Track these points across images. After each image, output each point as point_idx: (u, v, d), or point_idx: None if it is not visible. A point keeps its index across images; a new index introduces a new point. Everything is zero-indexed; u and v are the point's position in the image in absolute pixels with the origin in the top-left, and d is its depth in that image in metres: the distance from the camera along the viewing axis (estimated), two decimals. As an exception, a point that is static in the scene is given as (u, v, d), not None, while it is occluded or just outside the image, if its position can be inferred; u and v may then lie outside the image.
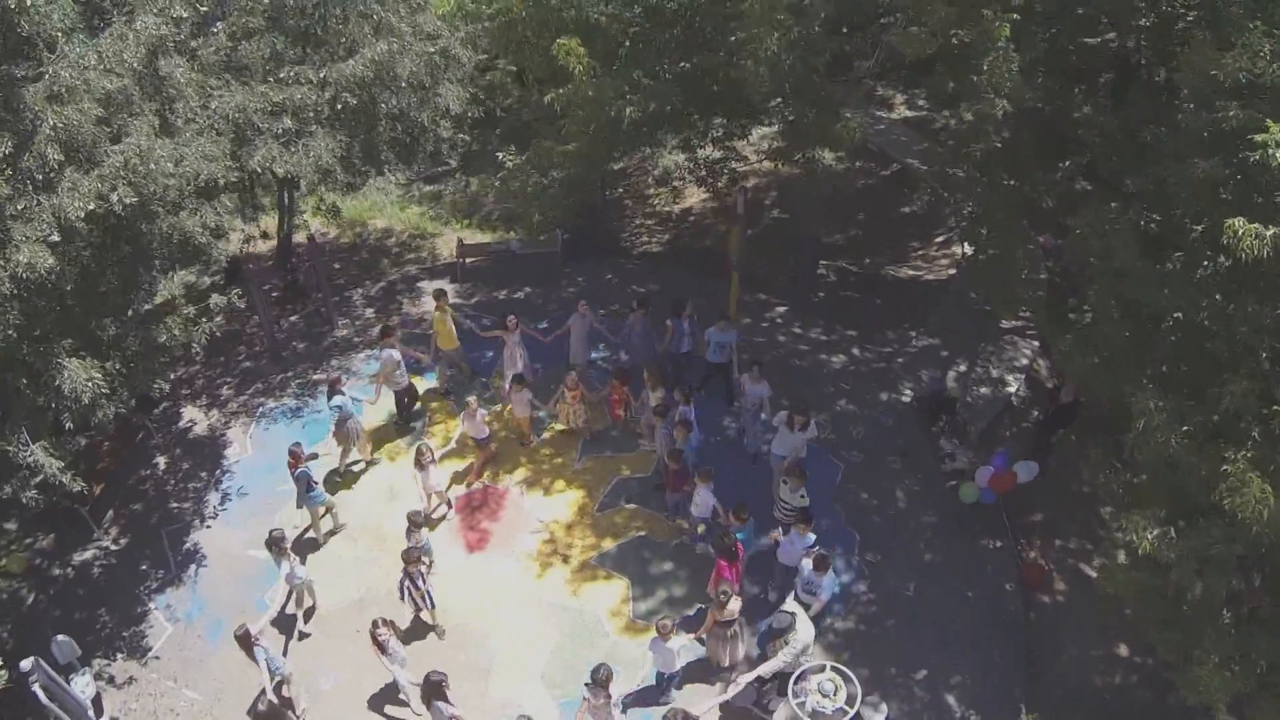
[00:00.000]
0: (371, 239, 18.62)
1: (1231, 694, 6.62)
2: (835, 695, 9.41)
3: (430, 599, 10.69)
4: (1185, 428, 7.63)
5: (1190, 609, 7.12)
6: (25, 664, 9.19)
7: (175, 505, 12.76)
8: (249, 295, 14.46)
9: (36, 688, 9.25)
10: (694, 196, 20.37)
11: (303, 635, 11.18)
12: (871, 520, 12.39)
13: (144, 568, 12.00)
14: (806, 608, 10.09)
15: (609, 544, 12.13)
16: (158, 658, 10.98)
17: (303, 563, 11.25)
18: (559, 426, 13.50)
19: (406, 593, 10.54)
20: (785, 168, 16.15)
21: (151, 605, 11.55)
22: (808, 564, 10.31)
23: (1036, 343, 15.03)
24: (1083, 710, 10.25)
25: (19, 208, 8.53)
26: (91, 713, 9.93)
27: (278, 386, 14.60)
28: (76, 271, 9.07)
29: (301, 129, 12.38)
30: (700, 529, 11.74)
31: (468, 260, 17.06)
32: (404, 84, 12.87)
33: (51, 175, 8.76)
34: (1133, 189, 8.69)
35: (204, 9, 11.63)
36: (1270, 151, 6.45)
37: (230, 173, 11.10)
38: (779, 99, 12.21)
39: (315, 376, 14.78)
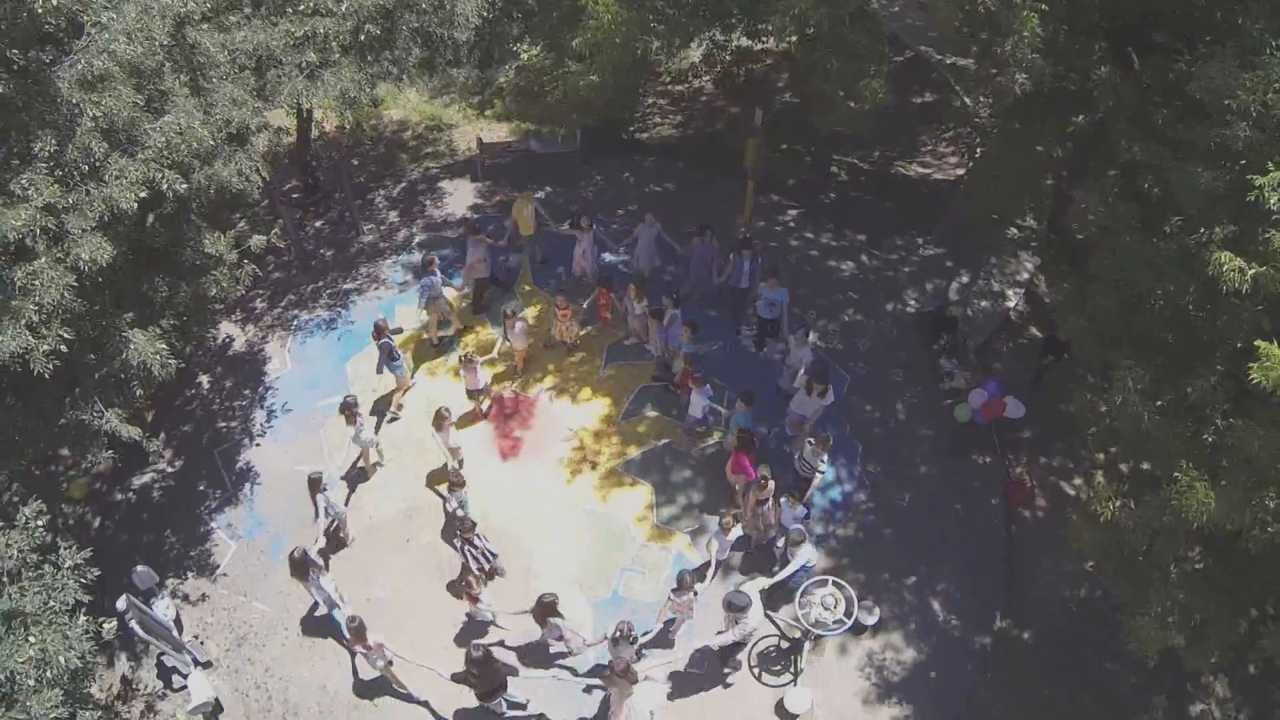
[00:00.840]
0: (388, 132, 18.71)
1: (1165, 645, 8.09)
2: (835, 608, 11.05)
3: (490, 554, 11.84)
4: (1159, 403, 8.69)
5: (1143, 565, 8.48)
6: (120, 603, 10.59)
7: (223, 425, 13.84)
8: (275, 210, 14.97)
9: (133, 624, 10.75)
10: (705, 78, 20.23)
11: (364, 474, 12.99)
12: (874, 432, 13.66)
13: (201, 488, 13.15)
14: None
15: (633, 451, 13.44)
16: (225, 574, 12.45)
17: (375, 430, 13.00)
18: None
19: (471, 558, 11.57)
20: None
21: (214, 525, 12.89)
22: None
23: (1040, 258, 15.74)
24: (1050, 619, 11.92)
25: (70, 201, 8.98)
26: (175, 632, 11.49)
27: (310, 298, 15.36)
28: (126, 246, 9.68)
29: (325, 60, 12.47)
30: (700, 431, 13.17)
31: (487, 161, 17.35)
32: (424, 5, 12.79)
33: (97, 165, 9.15)
34: (1140, 157, 9.19)
35: None
36: (1266, 194, 7.02)
37: (258, 115, 11.39)
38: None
39: (345, 286, 15.53)
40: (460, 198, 17.00)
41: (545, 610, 10.76)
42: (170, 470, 13.43)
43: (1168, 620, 7.92)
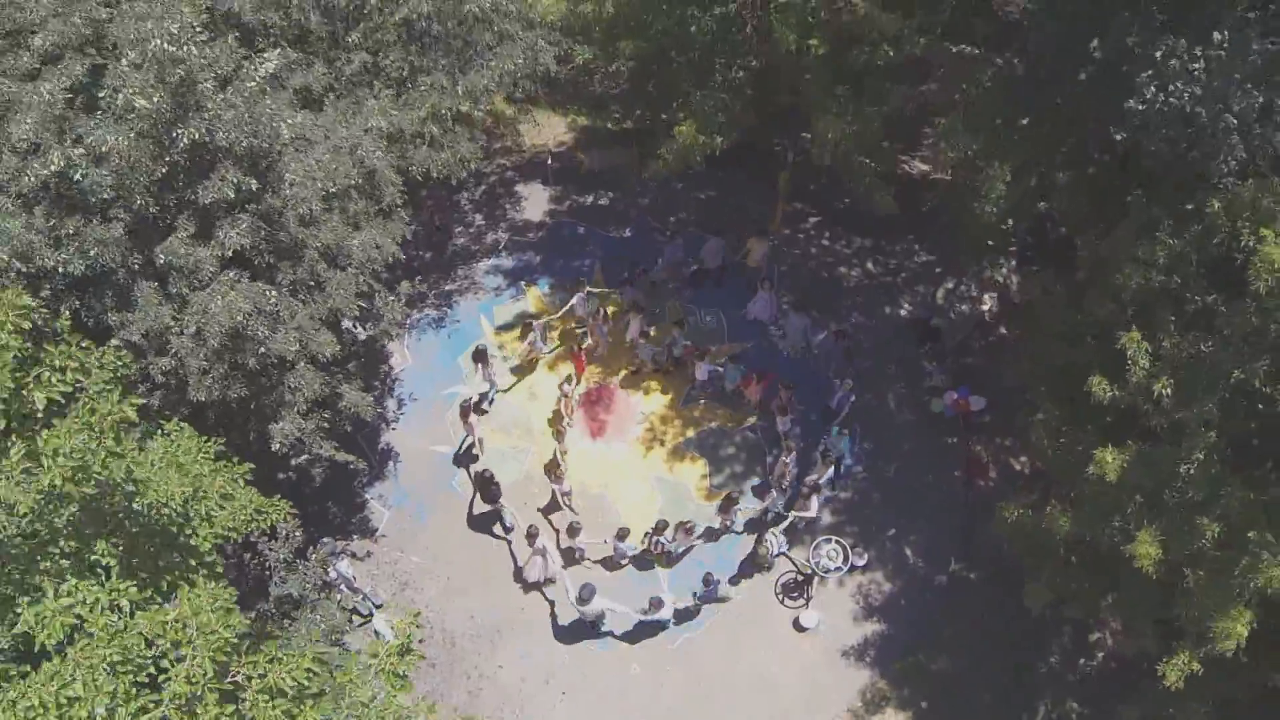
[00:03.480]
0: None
1: (1045, 603, 13.41)
2: (836, 559, 16.43)
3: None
4: (1061, 440, 13.65)
5: (1042, 549, 13.71)
6: (331, 575, 15.53)
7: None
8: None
9: (342, 586, 15.79)
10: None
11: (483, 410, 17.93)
12: (871, 416, 18.65)
13: (351, 467, 17.13)
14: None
15: (691, 432, 18.39)
16: (384, 535, 17.36)
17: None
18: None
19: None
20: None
21: (368, 496, 17.67)
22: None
23: (1015, 260, 20.22)
24: (991, 564, 17.22)
25: (307, 312, 13.02)
26: (356, 583, 16.60)
27: (417, 299, 19.53)
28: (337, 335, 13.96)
29: (444, 129, 16.35)
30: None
31: (556, 165, 21.24)
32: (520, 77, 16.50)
33: (321, 281, 13.23)
34: (1086, 258, 13.63)
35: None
36: (1131, 350, 11.65)
37: (398, 192, 15.23)
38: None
39: (447, 287, 19.85)
40: (536, 202, 21.03)
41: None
42: (323, 454, 18.10)
43: (1055, 582, 13.28)
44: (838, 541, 16.65)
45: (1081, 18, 13.55)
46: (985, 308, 19.75)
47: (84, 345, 8.28)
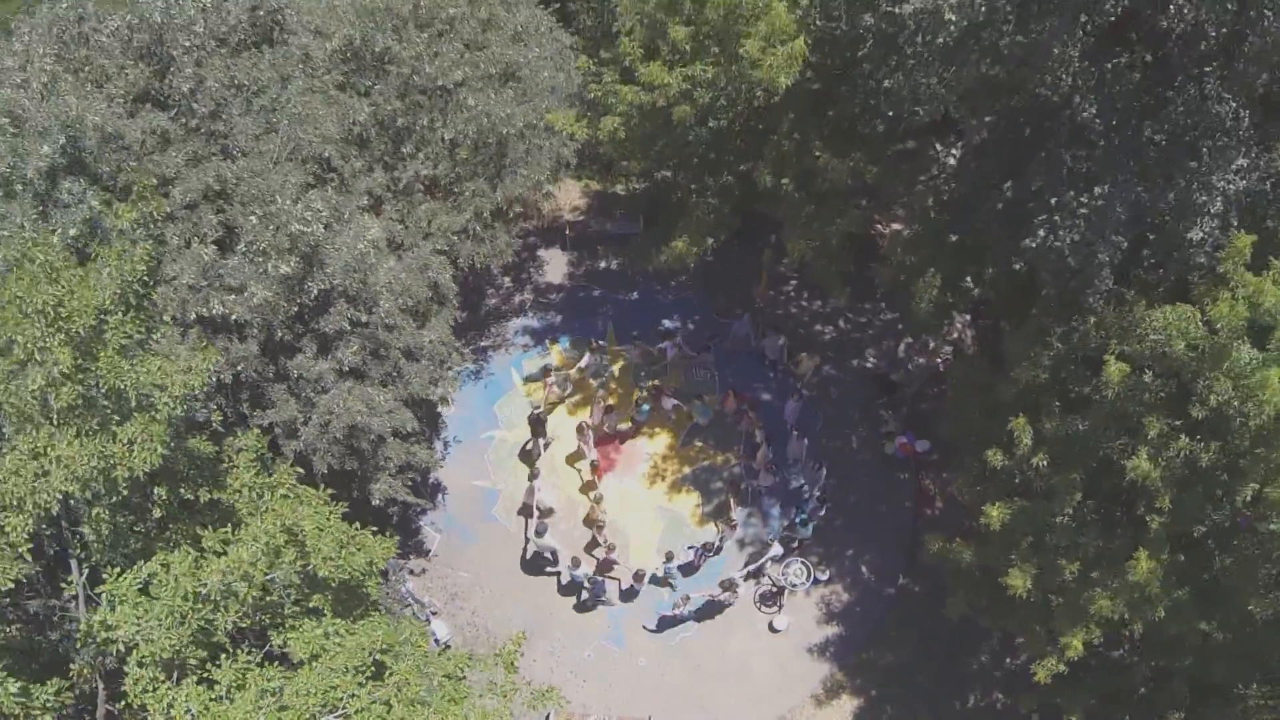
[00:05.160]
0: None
1: (961, 613, 18.21)
2: (802, 575, 21.20)
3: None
4: (977, 488, 18.31)
5: (960, 572, 18.44)
6: (403, 590, 20.37)
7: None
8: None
9: (411, 596, 20.62)
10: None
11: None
12: (836, 455, 23.27)
13: (405, 499, 22.00)
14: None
15: (687, 469, 23.07)
16: (436, 555, 22.16)
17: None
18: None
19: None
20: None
21: (422, 523, 22.44)
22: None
23: (968, 315, 24.64)
24: (932, 578, 21.85)
25: (394, 400, 17.74)
26: (416, 595, 21.42)
27: (456, 352, 24.06)
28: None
29: (484, 224, 20.79)
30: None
31: (572, 235, 25.70)
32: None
33: (402, 371, 17.83)
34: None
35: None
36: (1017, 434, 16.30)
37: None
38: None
39: (482, 343, 24.42)
40: (556, 266, 25.54)
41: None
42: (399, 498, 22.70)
43: (969, 598, 18.12)
44: (803, 562, 21.45)
45: (1001, 162, 17.95)
46: (939, 360, 24.28)
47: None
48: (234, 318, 15.31)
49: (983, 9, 15.46)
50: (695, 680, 21.19)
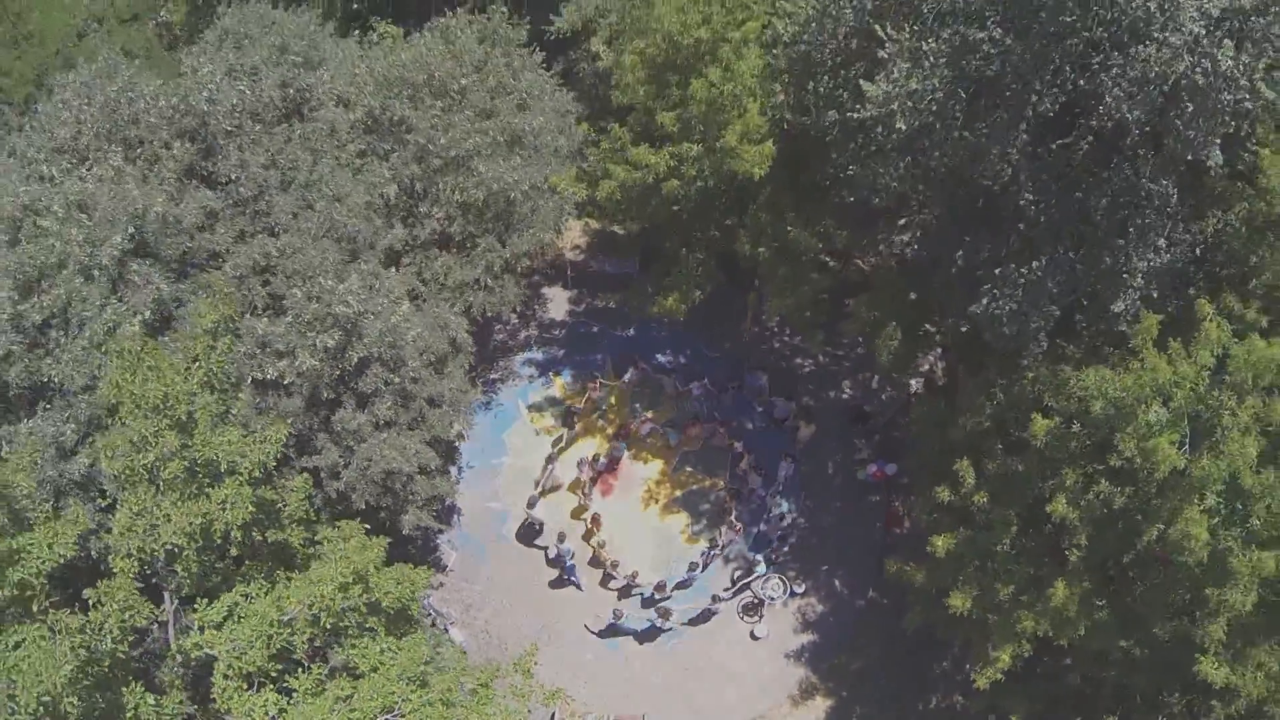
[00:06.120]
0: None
1: (917, 625, 21.37)
2: (780, 589, 24.35)
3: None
4: (933, 516, 21.39)
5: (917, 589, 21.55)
6: (425, 603, 23.44)
7: (435, 472, 26.40)
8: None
9: (431, 608, 23.79)
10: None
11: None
12: (812, 479, 26.36)
13: (439, 530, 25.32)
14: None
15: (678, 493, 26.16)
16: (453, 570, 25.32)
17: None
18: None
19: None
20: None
21: (440, 541, 25.55)
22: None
23: (940, 348, 27.63)
24: (899, 591, 24.88)
25: (419, 442, 20.87)
26: (435, 608, 24.54)
27: (470, 393, 27.08)
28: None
29: (494, 276, 23.71)
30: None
31: (572, 274, 28.66)
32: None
33: (426, 417, 20.93)
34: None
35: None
36: (960, 474, 19.32)
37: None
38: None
39: (491, 376, 27.38)
40: (558, 303, 28.50)
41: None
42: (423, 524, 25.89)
43: (926, 612, 21.25)
44: (780, 577, 24.64)
45: (952, 235, 20.88)
46: (909, 391, 27.30)
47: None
48: (285, 381, 18.29)
49: (933, 108, 18.33)
50: (684, 682, 24.39)
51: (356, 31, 27.38)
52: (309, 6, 27.18)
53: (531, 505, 25.15)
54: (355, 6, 30.84)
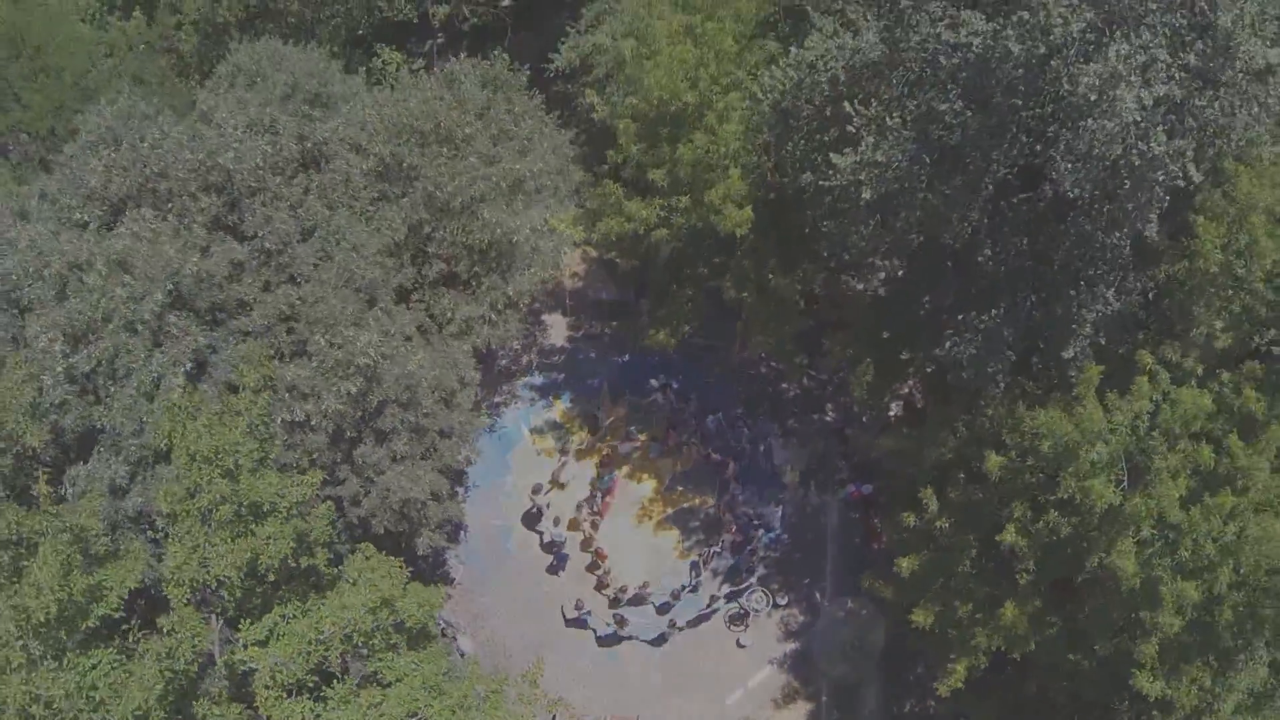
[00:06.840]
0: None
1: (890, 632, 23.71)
2: (763, 601, 26.79)
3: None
4: (904, 534, 23.77)
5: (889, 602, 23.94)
6: (448, 621, 25.86)
7: (445, 490, 28.77)
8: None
9: (441, 618, 26.22)
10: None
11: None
12: (796, 498, 28.73)
13: (448, 547, 27.77)
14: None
15: (670, 510, 28.56)
16: (461, 583, 27.73)
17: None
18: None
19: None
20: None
21: (448, 556, 27.93)
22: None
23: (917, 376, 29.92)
24: (876, 603, 27.40)
25: (432, 470, 23.28)
26: (444, 618, 26.91)
27: (473, 408, 29.42)
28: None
29: (500, 311, 25.95)
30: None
31: (570, 303, 30.92)
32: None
33: (437, 448, 23.30)
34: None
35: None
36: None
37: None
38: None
39: (495, 400, 29.69)
40: (558, 329, 30.79)
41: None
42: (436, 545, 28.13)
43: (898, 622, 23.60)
44: (764, 590, 27.10)
45: (918, 283, 23.15)
46: (890, 414, 29.63)
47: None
48: (313, 423, 20.59)
49: (898, 176, 20.52)
50: (675, 686, 26.88)
51: (362, 68, 29.48)
52: (318, 42, 29.26)
53: (536, 491, 27.61)
54: (360, 33, 32.84)
